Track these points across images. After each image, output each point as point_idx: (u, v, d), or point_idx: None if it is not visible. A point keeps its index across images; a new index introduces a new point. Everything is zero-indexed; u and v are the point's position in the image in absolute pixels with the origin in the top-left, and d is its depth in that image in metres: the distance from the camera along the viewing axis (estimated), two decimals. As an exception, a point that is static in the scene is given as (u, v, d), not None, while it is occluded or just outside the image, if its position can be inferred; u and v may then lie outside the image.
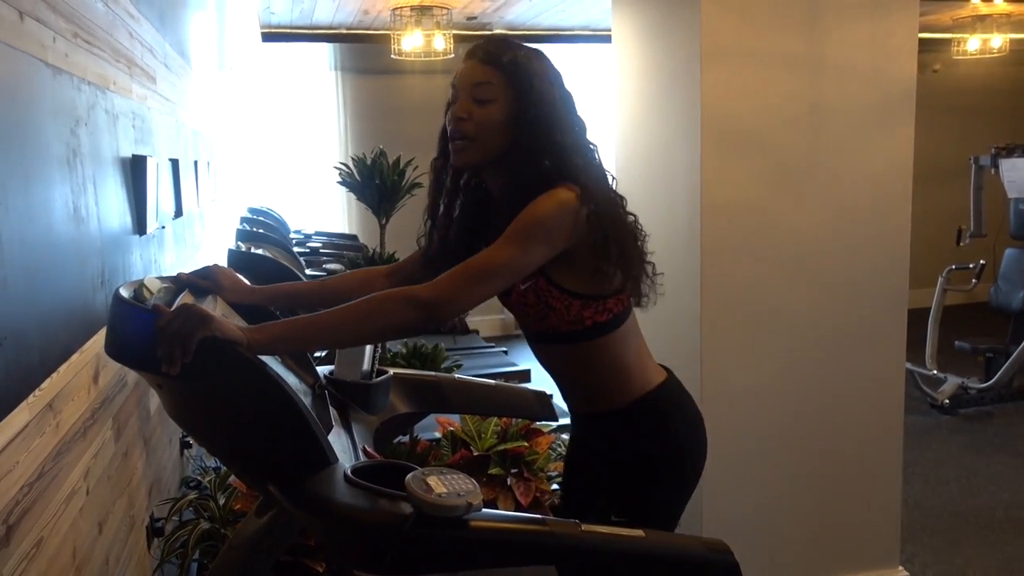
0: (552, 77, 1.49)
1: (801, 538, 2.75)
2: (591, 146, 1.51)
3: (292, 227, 6.19)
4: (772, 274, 2.59)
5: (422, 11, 4.50)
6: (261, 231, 4.31)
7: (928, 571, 3.13)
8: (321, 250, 5.24)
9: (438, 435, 2.78)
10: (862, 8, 2.53)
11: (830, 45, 2.52)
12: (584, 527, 1.08)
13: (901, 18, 2.56)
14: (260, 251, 3.34)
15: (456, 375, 1.89)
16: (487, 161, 1.49)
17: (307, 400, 1.32)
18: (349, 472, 1.12)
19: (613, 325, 1.50)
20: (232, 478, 2.48)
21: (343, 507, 1.04)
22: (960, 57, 6.03)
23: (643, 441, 1.55)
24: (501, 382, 1.93)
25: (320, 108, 7.12)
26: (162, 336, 1.06)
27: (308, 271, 4.00)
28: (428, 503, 1.00)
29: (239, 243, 3.43)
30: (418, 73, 6.60)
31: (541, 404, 1.91)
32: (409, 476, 1.04)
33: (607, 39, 5.55)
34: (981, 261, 5.27)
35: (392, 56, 4.63)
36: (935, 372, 5.16)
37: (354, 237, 6.49)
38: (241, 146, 7.06)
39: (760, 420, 2.63)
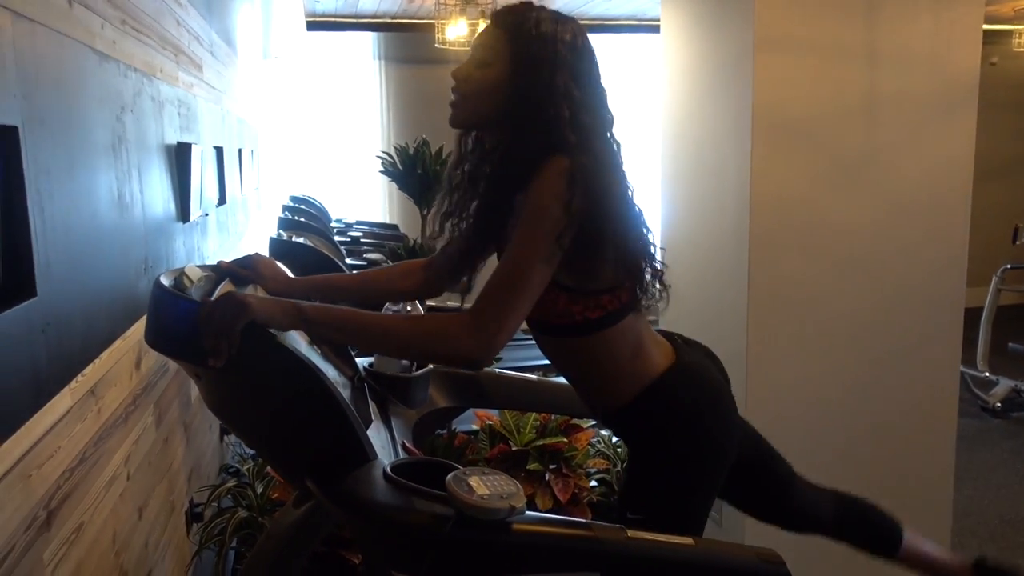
0: (566, 46, 1.35)
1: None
2: (595, 123, 1.37)
3: (333, 216, 6.22)
4: (822, 271, 2.51)
5: (467, 0, 4.46)
6: (303, 220, 4.32)
7: (978, 580, 3.03)
8: (362, 239, 5.24)
9: (475, 428, 2.76)
10: (924, -4, 2.44)
11: (889, 34, 2.43)
12: (631, 533, 1.04)
13: (966, 7, 2.46)
14: (301, 240, 3.33)
15: (496, 369, 1.86)
16: (479, 124, 1.43)
17: (346, 393, 1.30)
18: (388, 470, 1.09)
19: (606, 323, 1.40)
20: (270, 467, 2.49)
21: (382, 506, 1.01)
22: (1021, 50, 5.82)
23: (657, 432, 1.45)
24: (541, 377, 1.89)
25: (363, 97, 7.13)
26: (207, 328, 1.04)
27: (348, 260, 4.00)
28: (470, 505, 0.97)
29: (280, 231, 3.43)
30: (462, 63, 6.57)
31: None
32: (450, 476, 1.01)
33: (655, 29, 5.46)
34: (1039, 261, 5.10)
35: (436, 45, 4.61)
36: (987, 374, 5.01)
37: (395, 227, 6.50)
38: (285, 135, 7.11)
39: (807, 420, 2.56)
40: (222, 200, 3.98)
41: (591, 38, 1.47)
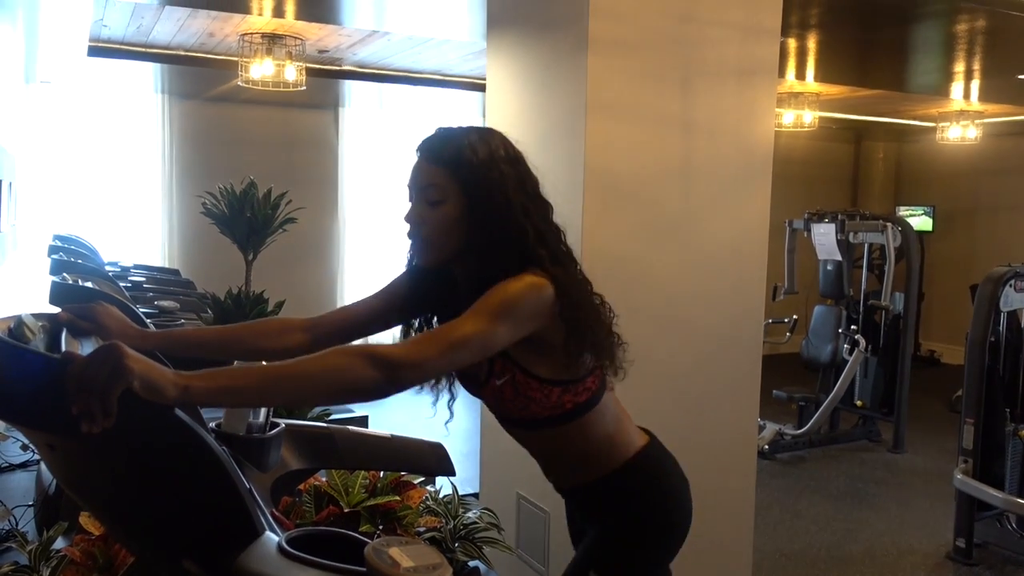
0: (504, 162, 1.42)
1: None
2: (556, 229, 1.48)
3: (105, 259, 5.66)
4: (644, 324, 2.64)
5: (273, 39, 4.30)
6: (80, 262, 3.87)
7: (769, 612, 3.28)
8: (145, 285, 4.80)
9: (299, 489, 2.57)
10: (729, 75, 2.69)
11: (701, 107, 2.65)
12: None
13: (763, 88, 2.75)
14: (89, 285, 2.98)
15: (349, 427, 1.75)
16: (446, 259, 1.44)
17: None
18: (285, 544, 0.98)
19: (593, 403, 1.48)
20: (61, 546, 2.16)
21: (294, 588, 0.89)
22: (776, 129, 6.60)
23: (627, 505, 1.52)
24: (396, 434, 1.80)
25: (142, 133, 6.62)
26: (75, 387, 0.87)
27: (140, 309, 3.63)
28: (396, 580, 0.89)
29: (64, 275, 3.04)
30: (266, 104, 6.34)
31: (438, 458, 1.81)
32: (369, 548, 0.92)
33: (456, 84, 5.57)
34: (794, 316, 5.73)
35: (239, 83, 4.39)
36: (756, 419, 5.50)
37: (176, 272, 6.05)
38: (47, 167, 6.40)
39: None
40: (-16, 237, 3.50)
41: (393, 88, 1.51)
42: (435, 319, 1.54)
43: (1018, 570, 3.76)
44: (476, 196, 1.38)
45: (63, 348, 1.05)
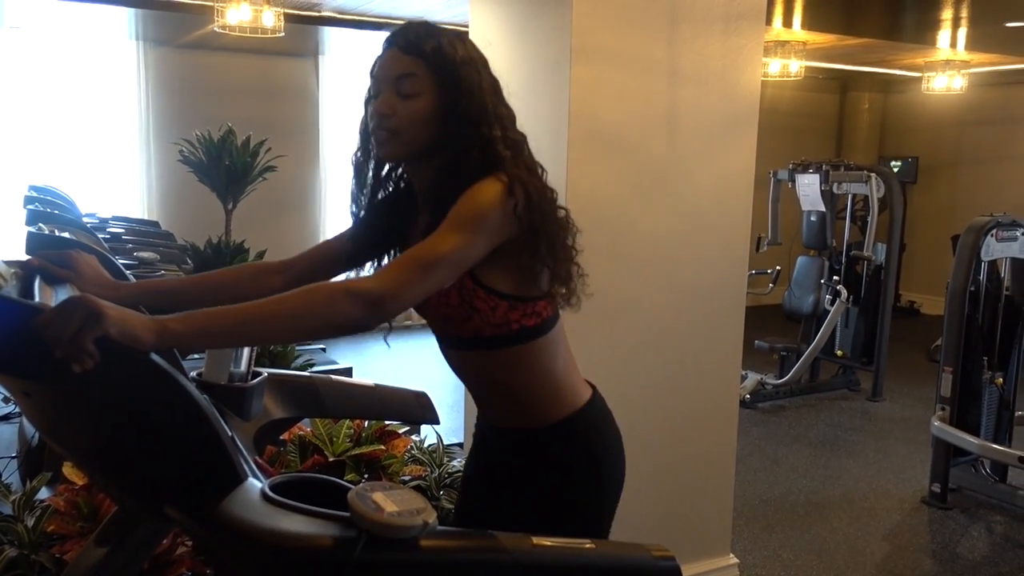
0: (479, 64, 1.41)
1: (640, 530, 2.82)
2: (520, 137, 1.44)
3: (82, 211, 5.58)
4: (629, 275, 2.64)
5: (250, -17, 4.18)
6: (57, 212, 3.81)
7: (748, 555, 3.35)
8: (124, 237, 4.74)
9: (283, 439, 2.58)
10: (716, 22, 2.64)
11: (687, 53, 2.61)
12: (535, 540, 1.01)
13: (750, 34, 2.70)
14: (67, 235, 2.93)
15: (333, 376, 1.74)
16: (413, 154, 1.41)
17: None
18: (268, 490, 0.97)
19: (541, 331, 1.41)
20: (45, 496, 2.16)
21: (276, 534, 0.89)
22: (762, 79, 6.53)
23: (567, 464, 1.46)
24: (380, 383, 1.80)
25: (118, 81, 6.47)
26: (48, 339, 0.85)
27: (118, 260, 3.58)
28: (380, 524, 0.89)
29: (41, 225, 2.99)
30: (244, 51, 6.20)
31: (422, 406, 1.81)
32: (352, 493, 0.92)
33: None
34: (777, 267, 5.75)
35: (215, 29, 4.28)
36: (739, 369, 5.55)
37: (156, 224, 5.98)
38: (19, 117, 6.26)
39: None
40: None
41: (372, 35, 1.48)
42: (398, 249, 1.51)
43: (990, 512, 3.86)
44: (453, 94, 1.34)
45: (36, 295, 1.03)
